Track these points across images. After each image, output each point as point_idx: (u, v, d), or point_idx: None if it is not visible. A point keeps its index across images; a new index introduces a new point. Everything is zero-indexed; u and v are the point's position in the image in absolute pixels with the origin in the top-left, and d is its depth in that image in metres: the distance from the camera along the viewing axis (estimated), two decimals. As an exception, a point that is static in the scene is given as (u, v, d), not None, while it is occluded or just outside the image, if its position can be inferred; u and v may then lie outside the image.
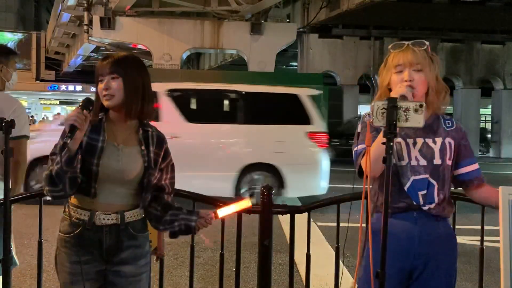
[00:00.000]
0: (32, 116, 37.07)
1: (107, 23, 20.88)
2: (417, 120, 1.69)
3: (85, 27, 22.67)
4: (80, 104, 1.90)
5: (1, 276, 2.33)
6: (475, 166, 2.08)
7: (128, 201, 2.03)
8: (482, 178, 2.09)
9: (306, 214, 2.72)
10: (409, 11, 19.20)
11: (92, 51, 32.16)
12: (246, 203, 1.99)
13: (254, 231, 2.96)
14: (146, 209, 2.09)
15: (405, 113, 1.69)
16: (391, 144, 1.67)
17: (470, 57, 23.04)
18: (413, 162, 1.98)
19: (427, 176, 1.97)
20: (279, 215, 2.75)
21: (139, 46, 22.59)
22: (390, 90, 2.01)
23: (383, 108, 1.68)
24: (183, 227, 2.07)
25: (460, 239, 3.86)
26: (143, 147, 2.03)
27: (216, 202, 2.72)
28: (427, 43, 2.00)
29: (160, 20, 21.57)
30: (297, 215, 2.70)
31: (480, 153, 23.90)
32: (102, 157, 1.97)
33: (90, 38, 22.71)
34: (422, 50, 1.99)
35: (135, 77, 2.01)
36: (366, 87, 23.40)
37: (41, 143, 6.83)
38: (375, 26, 22.14)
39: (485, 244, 2.68)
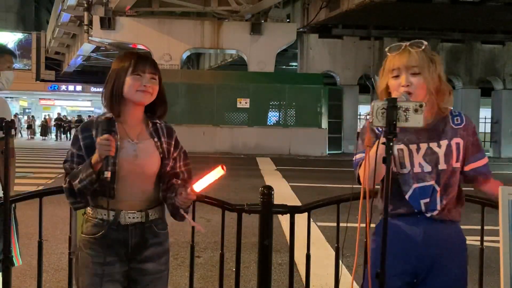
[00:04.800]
0: (32, 116, 37.06)
1: (107, 23, 20.90)
2: (417, 120, 1.69)
3: (85, 27, 22.71)
4: (104, 129, 1.95)
5: (1, 276, 2.33)
6: (482, 162, 2.00)
7: (150, 198, 2.06)
8: (487, 173, 2.01)
9: (306, 214, 2.72)
10: (409, 11, 19.19)
11: (92, 51, 32.17)
12: (219, 171, 1.91)
13: (254, 231, 2.96)
14: (164, 199, 2.09)
15: (405, 113, 1.69)
16: (391, 144, 1.67)
17: (470, 57, 23.04)
18: (416, 169, 1.94)
19: (431, 182, 1.93)
20: (279, 215, 2.74)
21: (139, 46, 22.61)
22: (389, 94, 1.98)
23: (383, 108, 1.68)
24: (170, 207, 2.08)
25: (460, 239, 3.84)
26: (155, 139, 2.08)
27: (218, 202, 2.72)
28: (425, 43, 1.93)
29: (160, 20, 21.59)
30: (297, 215, 2.69)
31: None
32: (119, 155, 1.98)
33: (90, 38, 22.75)
34: (420, 51, 1.91)
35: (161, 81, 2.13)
36: (366, 87, 23.40)
37: None
38: (375, 26, 22.14)
39: (485, 244, 2.67)
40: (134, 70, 2.03)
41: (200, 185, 1.93)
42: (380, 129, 1.94)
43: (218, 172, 1.91)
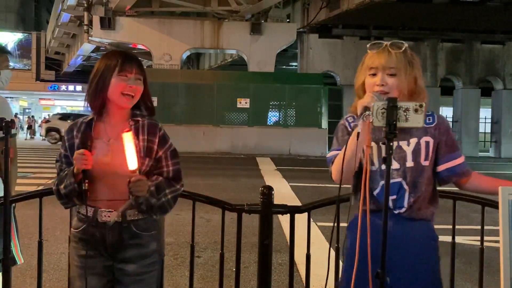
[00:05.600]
0: (32, 116, 37.04)
1: (107, 23, 20.92)
2: (417, 120, 1.69)
3: (85, 27, 22.71)
4: (81, 144, 1.96)
5: (1, 277, 2.33)
6: (457, 161, 1.98)
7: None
8: (463, 172, 1.99)
9: (306, 214, 2.72)
10: (409, 11, 19.19)
11: (92, 51, 32.18)
12: (126, 136, 1.90)
13: (254, 231, 2.96)
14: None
15: (405, 113, 1.69)
16: (391, 144, 1.67)
17: (470, 57, 23.04)
18: (384, 167, 1.93)
19: (399, 180, 1.94)
20: (279, 215, 2.74)
21: (139, 46, 22.63)
22: (364, 90, 1.99)
23: (383, 108, 1.68)
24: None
25: (460, 239, 3.86)
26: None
27: (218, 203, 2.72)
28: (406, 44, 1.93)
29: (160, 20, 21.60)
30: (297, 215, 2.70)
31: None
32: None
33: (90, 38, 22.75)
34: (399, 52, 1.91)
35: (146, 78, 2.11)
36: (366, 87, 23.38)
37: None
38: (375, 26, 22.14)
39: (485, 244, 2.67)
40: (120, 70, 2.00)
41: (131, 163, 1.91)
42: (352, 127, 2.00)
43: (127, 139, 1.90)
